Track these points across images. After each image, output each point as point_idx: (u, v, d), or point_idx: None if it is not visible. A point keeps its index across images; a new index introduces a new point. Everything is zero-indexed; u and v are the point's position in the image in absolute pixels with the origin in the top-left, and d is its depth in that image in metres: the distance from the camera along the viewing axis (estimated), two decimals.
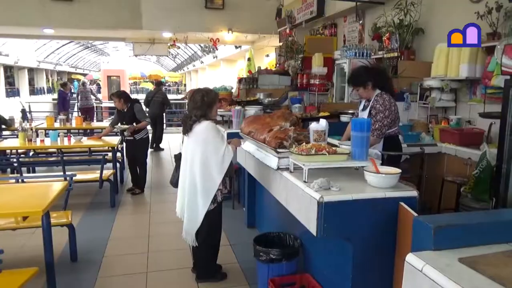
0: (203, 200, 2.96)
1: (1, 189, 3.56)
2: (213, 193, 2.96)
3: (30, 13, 8.66)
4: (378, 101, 3.19)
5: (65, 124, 7.39)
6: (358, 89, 3.34)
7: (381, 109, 3.16)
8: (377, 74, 3.36)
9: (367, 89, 3.27)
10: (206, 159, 2.94)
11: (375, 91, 3.27)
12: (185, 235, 3.08)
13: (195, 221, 3.02)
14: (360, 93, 3.36)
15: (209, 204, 2.97)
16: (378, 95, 3.24)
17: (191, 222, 3.04)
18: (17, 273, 2.42)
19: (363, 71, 3.38)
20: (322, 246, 2.67)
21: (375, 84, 3.26)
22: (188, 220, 3.04)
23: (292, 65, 6.98)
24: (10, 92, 27.33)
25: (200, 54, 24.50)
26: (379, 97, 3.21)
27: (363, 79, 3.27)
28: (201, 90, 3.10)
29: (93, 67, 46.04)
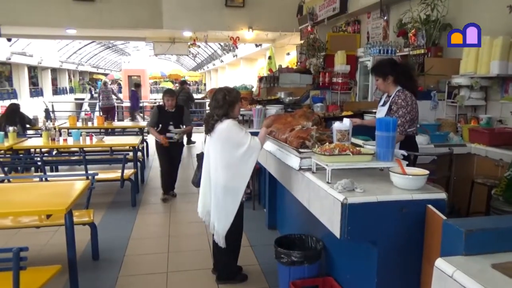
0: (230, 200, 2.96)
1: (26, 187, 3.68)
2: (242, 190, 2.97)
3: (53, 14, 8.91)
4: (400, 96, 3.16)
5: (86, 123, 7.57)
6: (377, 79, 3.32)
7: (403, 104, 3.12)
8: (402, 70, 3.31)
9: (387, 82, 3.25)
10: (230, 157, 2.93)
11: (395, 86, 3.24)
12: (216, 235, 3.07)
13: (225, 221, 3.01)
14: (378, 84, 3.34)
15: (238, 204, 2.97)
16: (399, 90, 3.20)
17: (221, 223, 3.02)
18: (41, 270, 2.49)
19: (388, 63, 3.35)
20: (345, 249, 2.64)
21: (396, 80, 3.23)
22: (218, 220, 3.03)
23: (314, 63, 6.94)
24: (34, 92, 28.20)
25: (220, 53, 24.67)
26: (401, 93, 3.18)
27: (385, 71, 3.25)
28: (222, 89, 3.11)
29: (114, 67, 46.98)
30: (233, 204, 2.98)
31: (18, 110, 6.87)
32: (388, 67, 3.27)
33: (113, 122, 8.54)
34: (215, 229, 3.07)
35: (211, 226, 3.11)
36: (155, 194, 5.77)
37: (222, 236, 3.03)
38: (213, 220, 3.08)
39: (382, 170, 2.56)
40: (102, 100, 11.39)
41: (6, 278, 2.20)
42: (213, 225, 3.09)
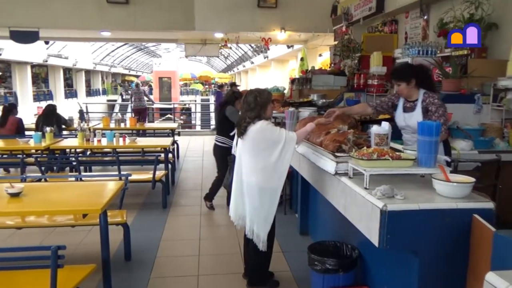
0: (267, 201, 2.95)
1: (62, 186, 3.82)
2: (279, 191, 2.97)
3: (89, 17, 9.24)
4: (433, 96, 3.09)
5: (119, 124, 7.79)
6: (399, 84, 3.23)
7: (440, 103, 3.05)
8: (423, 72, 3.24)
9: (410, 86, 3.15)
10: (268, 157, 2.90)
11: (418, 90, 3.14)
12: (256, 239, 3.05)
13: (265, 224, 3.00)
14: (401, 89, 3.24)
15: (276, 205, 2.97)
16: (427, 93, 3.12)
17: (261, 226, 3.01)
18: (76, 268, 2.57)
19: (408, 67, 3.31)
20: (383, 258, 2.57)
21: (419, 82, 3.14)
22: (258, 224, 3.01)
23: (349, 65, 6.84)
24: (69, 93, 29.37)
25: (250, 55, 24.81)
26: (430, 94, 3.11)
27: (407, 74, 3.16)
28: (253, 91, 3.11)
29: (145, 68, 48.21)
30: (271, 206, 2.98)
31: (54, 111, 7.16)
32: (410, 71, 3.21)
33: (144, 124, 8.74)
34: (254, 233, 3.04)
35: (249, 231, 3.07)
36: (186, 196, 5.85)
37: (263, 240, 3.01)
38: (251, 224, 3.05)
39: (423, 176, 2.49)
40: (134, 101, 11.69)
41: (44, 275, 2.29)
42: (251, 230, 3.05)
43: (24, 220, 3.62)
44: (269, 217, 2.99)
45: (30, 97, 22.75)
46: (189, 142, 10.83)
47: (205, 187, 6.26)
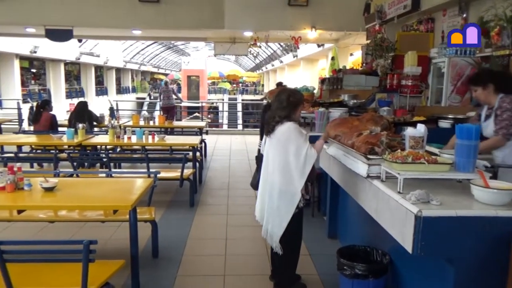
0: (285, 204, 2.95)
1: (93, 182, 3.93)
2: (297, 198, 2.94)
3: (121, 16, 9.49)
4: (505, 100, 2.98)
5: (148, 122, 7.95)
6: (476, 89, 3.14)
7: (508, 107, 2.93)
8: (502, 78, 3.16)
9: (487, 90, 3.06)
10: (287, 161, 2.92)
11: (497, 95, 3.03)
12: (270, 240, 3.08)
13: (278, 227, 3.00)
14: (478, 95, 3.15)
15: (294, 209, 2.95)
16: (503, 96, 3.01)
17: (275, 227, 3.02)
18: (107, 263, 2.64)
19: (486, 72, 3.22)
20: (416, 266, 2.51)
21: (498, 88, 3.03)
22: (272, 225, 3.04)
23: (381, 65, 6.71)
24: (100, 90, 30.23)
25: (279, 53, 24.80)
26: (505, 97, 2.99)
27: (484, 79, 3.09)
28: (287, 90, 3.11)
29: (174, 67, 49.00)
30: (287, 209, 2.96)
31: (86, 108, 7.38)
32: (487, 75, 3.15)
33: (173, 122, 8.87)
34: (268, 233, 3.07)
35: (264, 231, 3.11)
36: (213, 195, 5.91)
37: (276, 242, 3.02)
38: (266, 224, 3.08)
39: (461, 182, 2.42)
40: (163, 99, 11.91)
41: (75, 269, 2.36)
42: (266, 229, 3.09)
43: (56, 214, 3.76)
44: (283, 221, 2.98)
45: (63, 94, 23.60)
46: (216, 141, 10.93)
47: (232, 187, 6.33)
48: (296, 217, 3.01)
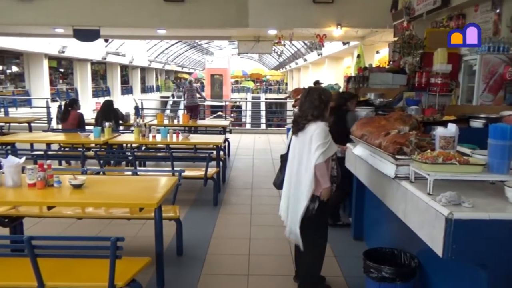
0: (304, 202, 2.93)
1: (119, 180, 4.02)
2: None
3: (147, 15, 9.63)
4: None
5: (173, 121, 8.06)
6: None
7: None
8: None
9: None
10: (312, 160, 2.90)
11: None
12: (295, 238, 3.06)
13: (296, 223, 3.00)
14: None
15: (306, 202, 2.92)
16: None
17: (293, 224, 3.02)
18: (133, 260, 2.69)
19: None
20: (446, 270, 2.46)
21: None
22: (291, 221, 3.04)
23: (409, 62, 6.58)
24: (125, 89, 30.85)
25: (303, 52, 24.67)
26: None
27: None
28: (317, 88, 3.08)
29: (198, 66, 49.48)
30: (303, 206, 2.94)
31: (112, 107, 7.54)
32: None
33: (196, 121, 8.96)
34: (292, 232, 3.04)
35: (287, 231, 3.10)
36: (236, 194, 5.94)
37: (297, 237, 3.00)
38: (291, 224, 3.06)
39: (494, 184, 2.35)
40: (187, 98, 12.03)
41: (102, 265, 2.42)
42: (290, 229, 3.07)
43: (84, 211, 3.86)
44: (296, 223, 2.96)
45: (90, 93, 24.21)
46: (239, 140, 10.97)
47: (256, 186, 6.34)
48: (323, 217, 2.99)
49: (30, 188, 3.10)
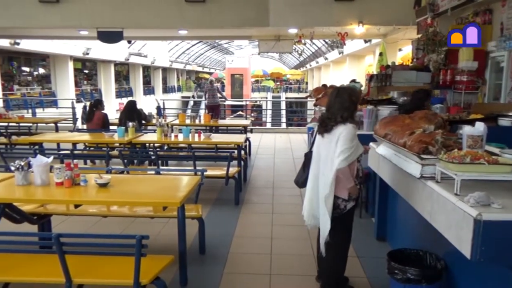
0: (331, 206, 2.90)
1: (142, 179, 4.08)
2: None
3: (168, 16, 9.74)
4: None
5: (194, 121, 8.13)
6: None
7: None
8: None
9: None
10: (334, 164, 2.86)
11: None
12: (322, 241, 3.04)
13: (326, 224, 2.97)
14: None
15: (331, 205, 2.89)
16: None
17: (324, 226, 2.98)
18: (157, 258, 2.73)
19: None
20: (475, 272, 2.39)
21: None
22: (322, 223, 3.00)
23: (434, 60, 6.45)
24: (147, 90, 31.30)
25: (324, 50, 24.49)
26: None
27: None
28: (345, 88, 3.02)
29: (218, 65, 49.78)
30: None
31: (135, 107, 7.66)
32: None
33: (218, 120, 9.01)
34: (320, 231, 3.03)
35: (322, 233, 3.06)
36: (258, 193, 5.95)
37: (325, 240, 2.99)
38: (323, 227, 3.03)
39: None
40: (208, 98, 12.12)
41: (127, 262, 2.47)
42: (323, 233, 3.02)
43: (109, 209, 3.93)
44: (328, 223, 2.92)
45: (113, 93, 24.69)
46: (260, 139, 10.98)
47: (277, 186, 6.34)
48: (346, 219, 2.95)
49: (57, 187, 3.18)
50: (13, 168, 3.23)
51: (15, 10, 9.32)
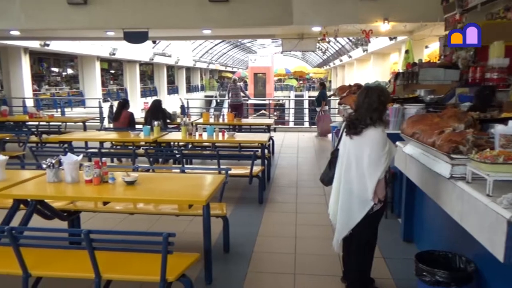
0: (357, 207, 2.86)
1: (168, 177, 4.13)
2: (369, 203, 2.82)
3: (193, 16, 9.82)
4: None
5: (218, 120, 8.18)
6: None
7: None
8: None
9: None
10: (363, 166, 2.81)
11: None
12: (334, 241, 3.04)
13: (345, 226, 2.95)
14: None
15: (364, 213, 2.85)
16: None
17: (341, 226, 2.99)
18: (183, 256, 2.76)
19: None
20: (507, 276, 2.31)
21: None
22: (339, 223, 2.99)
23: (463, 57, 6.27)
24: (171, 89, 31.71)
25: (348, 48, 24.19)
26: None
27: None
28: (374, 88, 2.92)
29: (241, 64, 49.93)
30: (359, 212, 2.86)
31: (160, 106, 7.77)
32: None
33: (241, 119, 9.04)
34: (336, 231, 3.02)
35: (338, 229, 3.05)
36: (281, 192, 5.94)
37: (337, 241, 3.01)
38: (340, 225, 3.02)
39: None
40: (231, 97, 12.17)
41: (153, 259, 2.50)
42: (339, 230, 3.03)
43: (135, 206, 4.01)
44: (351, 223, 2.90)
45: (138, 93, 25.12)
46: (283, 138, 10.95)
47: (301, 185, 6.31)
48: (372, 220, 2.90)
49: (87, 184, 3.26)
50: (45, 166, 3.32)
51: (45, 12, 9.60)
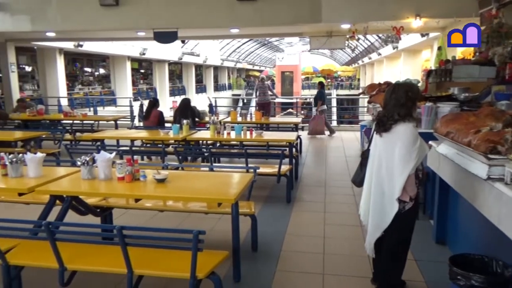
0: (390, 206, 2.81)
1: (197, 175, 4.17)
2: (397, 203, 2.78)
3: (221, 16, 9.88)
4: None
5: (246, 118, 8.21)
6: None
7: None
8: None
9: None
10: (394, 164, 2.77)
11: None
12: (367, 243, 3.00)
13: (377, 228, 2.91)
14: None
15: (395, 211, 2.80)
16: None
17: (373, 228, 2.95)
18: (212, 253, 2.78)
19: None
20: None
21: None
22: (371, 225, 2.95)
23: (499, 53, 6.03)
24: (199, 88, 32.08)
25: (377, 46, 23.75)
26: None
27: None
28: (402, 84, 2.91)
29: (268, 63, 49.92)
30: (390, 212, 2.81)
31: (189, 105, 7.88)
32: None
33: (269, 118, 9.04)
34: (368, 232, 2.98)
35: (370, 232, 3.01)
36: (309, 192, 5.90)
37: (369, 243, 2.97)
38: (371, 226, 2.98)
39: None
40: (258, 96, 12.19)
41: (183, 256, 2.54)
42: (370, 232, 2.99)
43: (165, 204, 4.08)
44: (382, 225, 2.85)
45: (167, 92, 25.53)
46: (311, 137, 10.88)
47: (329, 184, 6.26)
48: (403, 220, 2.84)
49: (119, 181, 3.33)
50: (79, 163, 3.43)
51: (78, 14, 9.89)
